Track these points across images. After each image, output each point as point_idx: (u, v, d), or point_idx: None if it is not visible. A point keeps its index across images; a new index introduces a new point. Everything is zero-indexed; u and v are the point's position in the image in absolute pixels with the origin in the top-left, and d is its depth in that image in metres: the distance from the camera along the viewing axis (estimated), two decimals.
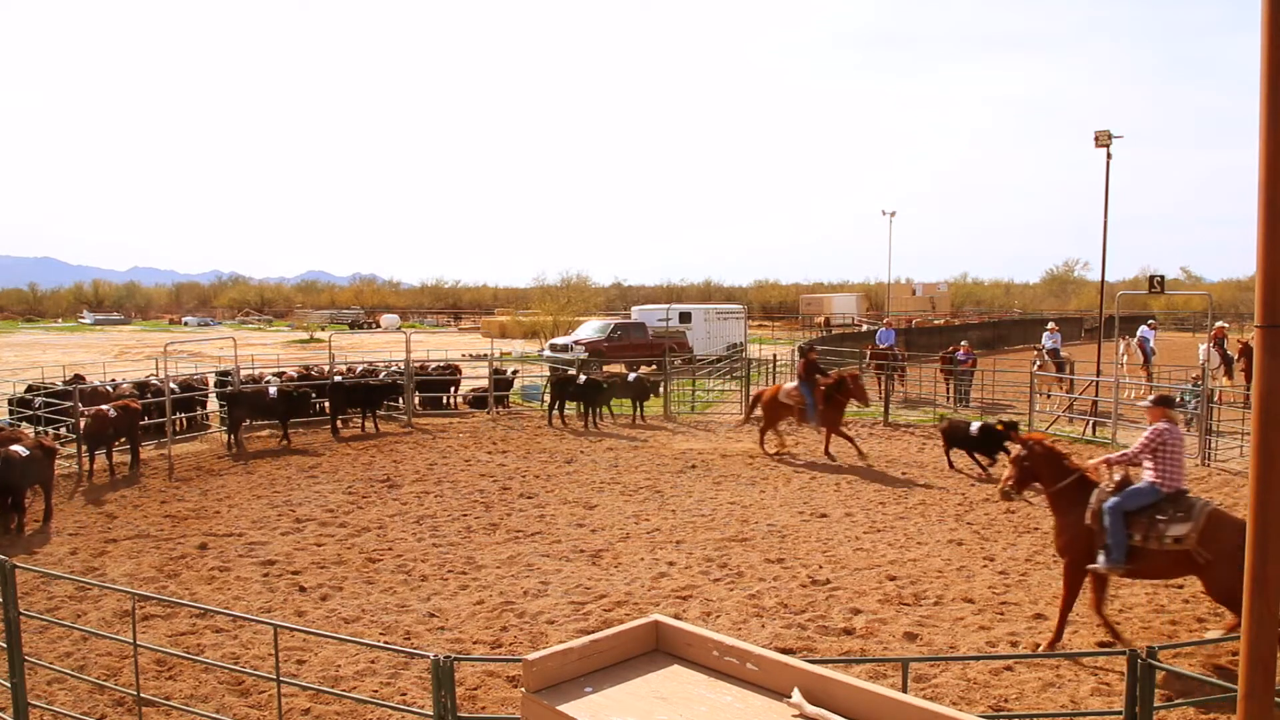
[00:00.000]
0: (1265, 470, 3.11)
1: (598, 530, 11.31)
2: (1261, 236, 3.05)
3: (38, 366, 26.93)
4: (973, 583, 9.23)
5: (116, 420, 14.32)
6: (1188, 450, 8.70)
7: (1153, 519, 7.15)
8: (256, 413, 17.23)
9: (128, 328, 68.89)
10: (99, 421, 14.08)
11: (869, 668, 7.13)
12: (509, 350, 35.24)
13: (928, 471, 14.77)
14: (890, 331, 25.38)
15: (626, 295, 79.75)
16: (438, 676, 4.55)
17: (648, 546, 10.56)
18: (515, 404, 22.12)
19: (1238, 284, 71.45)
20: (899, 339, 27.27)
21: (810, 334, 44.58)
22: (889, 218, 55.23)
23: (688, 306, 38.29)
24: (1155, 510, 7.19)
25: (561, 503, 12.73)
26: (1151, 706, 4.73)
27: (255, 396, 17.11)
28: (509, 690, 6.65)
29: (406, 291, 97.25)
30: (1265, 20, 2.99)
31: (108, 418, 14.16)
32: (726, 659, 2.11)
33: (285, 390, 17.31)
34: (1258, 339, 3.10)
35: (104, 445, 14.34)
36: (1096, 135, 19.73)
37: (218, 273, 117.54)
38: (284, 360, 28.95)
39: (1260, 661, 3.15)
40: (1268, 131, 3.00)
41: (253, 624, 7.79)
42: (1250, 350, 18.87)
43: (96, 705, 6.49)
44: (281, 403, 17.04)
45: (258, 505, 12.49)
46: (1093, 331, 29.29)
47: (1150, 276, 18.64)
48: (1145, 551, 7.19)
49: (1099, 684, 6.73)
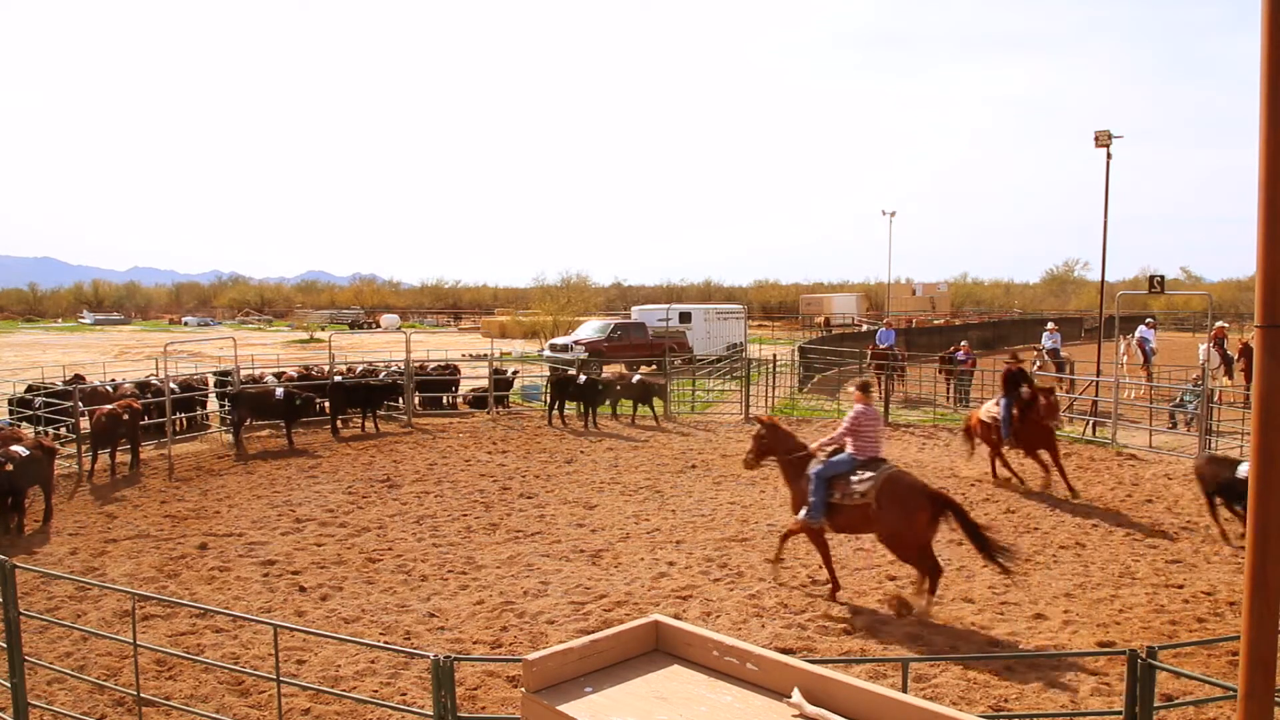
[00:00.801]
0: (1265, 470, 3.11)
1: (598, 530, 11.31)
2: (1261, 236, 3.05)
3: (38, 366, 26.94)
4: (973, 583, 9.23)
5: (125, 420, 14.38)
6: (883, 425, 10.26)
7: (848, 480, 8.74)
8: (260, 413, 17.23)
9: (128, 328, 68.89)
10: (111, 420, 14.16)
11: (869, 668, 7.13)
12: (509, 350, 35.25)
13: (928, 471, 14.75)
14: (890, 331, 25.37)
15: (626, 295, 79.72)
16: (438, 676, 4.55)
17: (648, 546, 10.56)
18: (515, 404, 22.13)
19: (1238, 284, 71.40)
20: (899, 339, 27.27)
21: (810, 334, 44.59)
22: (889, 218, 55.31)
23: (688, 306, 38.26)
24: (850, 473, 8.76)
25: (561, 503, 12.73)
26: (1151, 706, 4.72)
27: (260, 397, 17.13)
28: (509, 690, 6.65)
29: (406, 291, 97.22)
30: (1265, 20, 2.99)
31: (120, 417, 14.26)
32: (726, 659, 2.11)
33: (291, 391, 17.33)
34: (1258, 339, 3.10)
35: (112, 444, 14.39)
36: (1096, 135, 19.73)
37: (218, 273, 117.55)
38: (284, 360, 28.95)
39: (1260, 661, 3.15)
40: (1268, 131, 2.99)
41: (253, 624, 7.79)
42: (1250, 350, 18.86)
43: (96, 705, 6.49)
44: (285, 404, 17.05)
45: (258, 505, 12.49)
46: (1093, 331, 29.29)
47: (1150, 276, 18.64)
48: (840, 507, 8.75)
49: (1099, 684, 6.73)
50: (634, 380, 20.48)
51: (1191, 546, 10.48)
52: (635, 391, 20.09)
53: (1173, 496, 12.82)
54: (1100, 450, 15.86)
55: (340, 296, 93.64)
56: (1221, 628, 7.90)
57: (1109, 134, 19.64)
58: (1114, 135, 19.65)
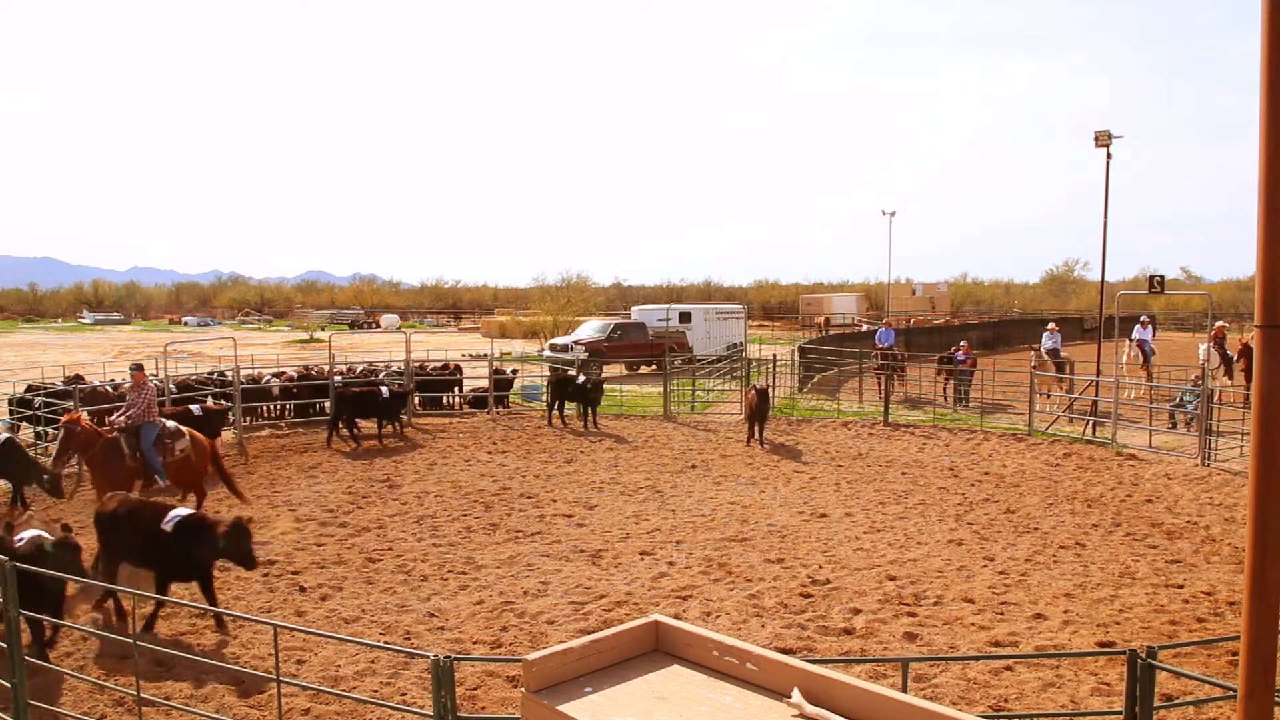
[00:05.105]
0: (1265, 470, 3.11)
1: (598, 530, 11.31)
2: (1261, 236, 3.05)
3: (37, 366, 26.94)
4: (973, 583, 9.23)
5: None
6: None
7: (167, 443, 11.15)
8: (363, 411, 17.43)
9: (128, 328, 68.88)
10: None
11: (869, 668, 7.13)
12: (509, 350, 35.23)
13: (928, 471, 14.77)
14: (890, 331, 25.37)
15: (626, 295, 79.66)
16: (438, 676, 4.55)
17: (648, 546, 10.56)
18: (515, 404, 22.13)
19: (1238, 284, 71.36)
20: (899, 339, 27.26)
21: (810, 334, 44.58)
22: (889, 218, 55.30)
23: (688, 306, 38.23)
24: (165, 437, 11.17)
25: (561, 502, 12.73)
26: (1151, 706, 4.72)
27: (364, 395, 17.35)
28: (509, 690, 6.65)
29: (406, 291, 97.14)
30: (1265, 20, 2.99)
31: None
32: (726, 659, 2.11)
33: (394, 390, 17.85)
34: (1258, 339, 3.10)
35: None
36: (1096, 135, 19.72)
37: (218, 273, 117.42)
38: (284, 360, 28.94)
39: (1260, 661, 3.15)
40: (1268, 131, 2.99)
41: (253, 624, 7.80)
42: (1250, 350, 18.86)
43: (96, 705, 6.49)
44: (390, 402, 17.44)
45: (258, 505, 12.48)
46: (1093, 331, 29.29)
47: (1150, 276, 18.64)
48: (172, 464, 11.16)
49: (1099, 684, 6.73)
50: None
51: (1191, 546, 10.48)
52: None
53: (1173, 496, 12.82)
54: (1100, 450, 15.86)
55: (340, 296, 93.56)
56: (1221, 628, 7.90)
57: (1109, 134, 19.63)
58: (1114, 135, 19.63)
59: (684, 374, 25.61)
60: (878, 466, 15.15)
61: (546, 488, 13.64)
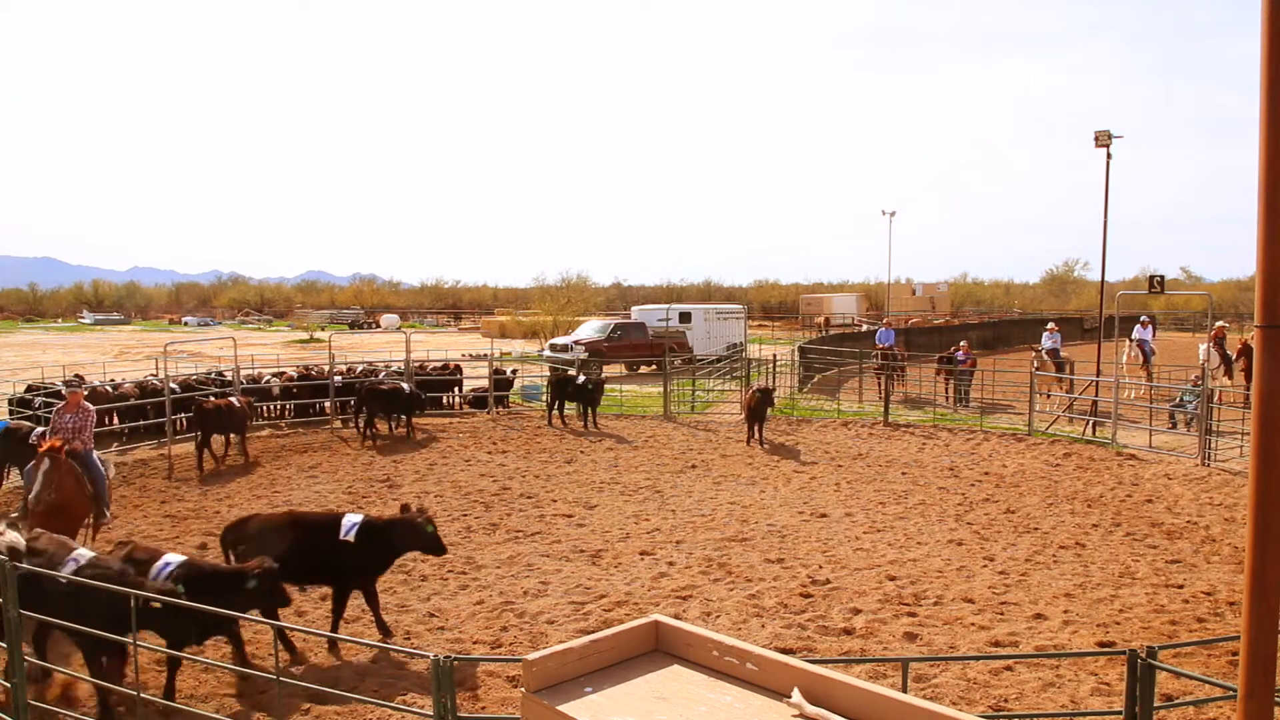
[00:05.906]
0: (1265, 470, 3.10)
1: (598, 530, 11.31)
2: (1261, 236, 3.05)
3: (38, 366, 26.94)
4: (973, 583, 9.23)
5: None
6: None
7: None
8: (387, 408, 17.97)
9: (128, 328, 68.87)
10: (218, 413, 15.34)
11: (869, 668, 7.13)
12: (509, 350, 35.23)
13: (928, 471, 14.77)
14: (890, 331, 25.37)
15: (626, 295, 79.65)
16: (438, 676, 4.55)
17: (648, 546, 10.56)
18: (515, 404, 22.13)
19: (1238, 284, 71.35)
20: (899, 339, 27.26)
21: (810, 334, 44.58)
22: (889, 218, 55.34)
23: (688, 306, 38.23)
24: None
25: (561, 502, 12.73)
26: (1151, 706, 4.72)
27: (389, 393, 17.89)
28: (509, 690, 6.65)
29: (406, 291, 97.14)
30: (1265, 20, 2.98)
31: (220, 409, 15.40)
32: (726, 659, 2.11)
33: (415, 389, 18.42)
34: (1258, 339, 3.10)
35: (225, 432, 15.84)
36: (1096, 135, 19.72)
37: (218, 273, 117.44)
38: (284, 360, 28.94)
39: (1260, 661, 3.15)
40: (1268, 131, 2.99)
41: (253, 624, 7.79)
42: (1250, 350, 18.86)
43: (96, 705, 6.48)
44: (411, 399, 17.98)
45: (258, 505, 12.47)
46: (1093, 331, 29.28)
47: (1150, 276, 18.63)
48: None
49: (1099, 684, 6.73)
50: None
51: (1191, 546, 10.48)
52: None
53: (1173, 496, 12.82)
54: (1100, 450, 15.85)
55: (340, 296, 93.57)
56: (1221, 628, 7.90)
57: (1109, 134, 19.63)
58: (1114, 135, 19.63)
59: (684, 374, 25.61)
60: (878, 466, 15.15)
61: (546, 488, 13.64)
